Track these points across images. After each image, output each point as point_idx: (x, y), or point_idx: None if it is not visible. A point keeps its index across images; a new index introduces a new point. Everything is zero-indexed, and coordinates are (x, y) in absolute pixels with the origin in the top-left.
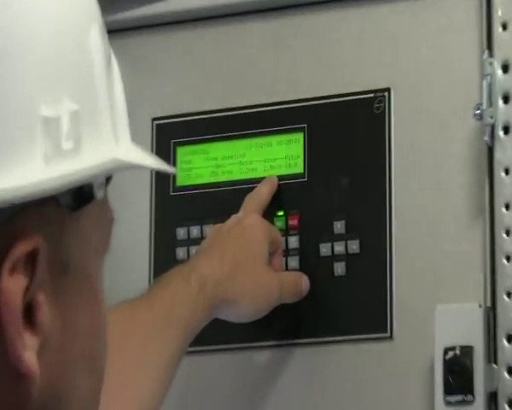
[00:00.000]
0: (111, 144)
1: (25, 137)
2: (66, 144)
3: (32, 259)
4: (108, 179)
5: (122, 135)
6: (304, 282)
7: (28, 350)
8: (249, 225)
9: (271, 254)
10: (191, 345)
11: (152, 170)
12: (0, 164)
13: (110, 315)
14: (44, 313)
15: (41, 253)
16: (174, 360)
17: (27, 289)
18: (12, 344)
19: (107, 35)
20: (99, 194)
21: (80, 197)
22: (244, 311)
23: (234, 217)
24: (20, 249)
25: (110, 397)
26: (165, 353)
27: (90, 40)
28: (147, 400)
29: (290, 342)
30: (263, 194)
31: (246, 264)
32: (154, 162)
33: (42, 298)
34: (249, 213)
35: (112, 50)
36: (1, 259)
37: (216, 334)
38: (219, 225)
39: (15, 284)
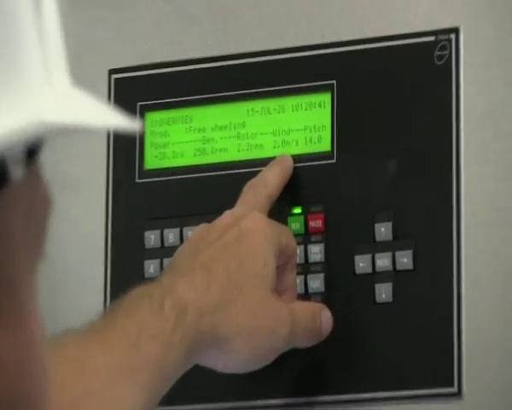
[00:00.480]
0: (36, 97)
1: None
2: None
3: None
4: (36, 149)
5: (57, 81)
6: (324, 317)
7: None
8: (249, 229)
9: (280, 269)
10: (164, 402)
11: (100, 131)
12: None
13: (51, 353)
14: None
15: None
16: None
17: None
18: None
19: None
20: (17, 172)
21: None
22: (238, 356)
23: (227, 214)
24: None
25: None
26: (127, 407)
27: None
28: None
29: (309, 400)
30: (270, 182)
31: (243, 287)
32: (105, 119)
33: None
34: (249, 211)
35: None
36: None
37: (200, 387)
38: (205, 225)
39: None
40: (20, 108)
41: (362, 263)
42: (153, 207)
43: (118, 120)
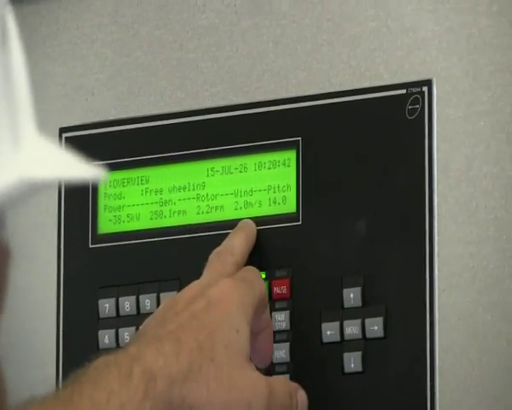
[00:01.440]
0: (5, 159)
1: None
2: None
3: None
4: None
5: (25, 139)
6: (300, 398)
7: None
8: (217, 298)
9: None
10: None
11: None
12: None
13: None
14: None
15: None
16: None
17: None
18: None
19: None
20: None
21: None
22: None
23: (195, 284)
24: None
25: None
26: None
27: None
28: None
29: None
30: (237, 249)
31: (214, 357)
32: (69, 172)
33: None
34: (218, 279)
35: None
36: None
37: None
38: (172, 296)
39: None
40: None
41: (329, 331)
42: (107, 273)
43: (80, 171)
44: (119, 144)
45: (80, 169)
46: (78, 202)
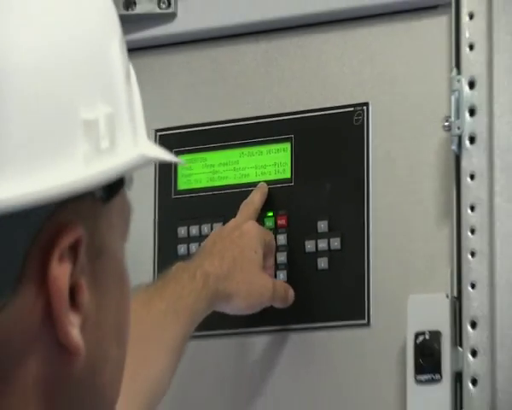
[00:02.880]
0: (135, 143)
1: (68, 139)
2: (104, 144)
3: (74, 247)
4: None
5: (141, 135)
6: (290, 293)
7: (74, 327)
8: (247, 231)
9: (264, 256)
10: (195, 331)
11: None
12: (46, 164)
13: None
14: (85, 294)
15: (82, 242)
16: (181, 343)
17: (71, 274)
18: (60, 322)
19: (126, 48)
20: (127, 187)
21: (112, 190)
22: (238, 306)
23: (233, 221)
24: (67, 240)
25: (131, 371)
26: (175, 336)
27: (112, 51)
28: (160, 375)
29: (280, 327)
30: (256, 201)
31: (242, 265)
32: (170, 157)
33: (83, 281)
34: (246, 219)
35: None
36: (50, 248)
37: (215, 321)
38: (220, 227)
39: (63, 271)
40: (131, 151)
41: (309, 245)
42: (182, 212)
43: (173, 157)
44: (190, 139)
45: (167, 155)
46: (165, 171)
